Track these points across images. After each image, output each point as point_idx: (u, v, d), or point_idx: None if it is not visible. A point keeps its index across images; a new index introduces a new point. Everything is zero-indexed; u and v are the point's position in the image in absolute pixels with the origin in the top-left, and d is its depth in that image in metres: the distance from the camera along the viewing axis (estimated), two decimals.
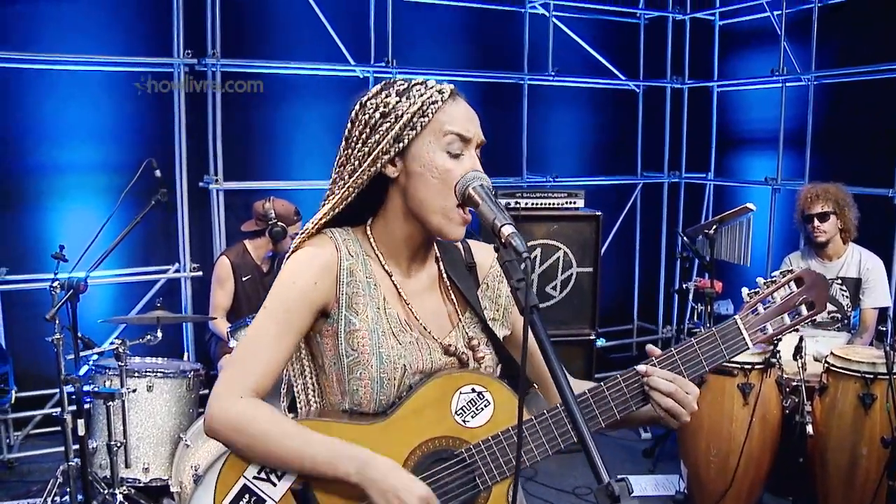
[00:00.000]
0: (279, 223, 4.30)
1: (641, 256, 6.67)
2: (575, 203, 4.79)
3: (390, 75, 5.34)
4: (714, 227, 4.21)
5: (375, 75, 5.36)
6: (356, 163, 1.52)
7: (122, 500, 3.35)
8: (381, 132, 1.49)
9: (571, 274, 4.78)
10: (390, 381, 1.51)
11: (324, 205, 1.58)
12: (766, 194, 5.57)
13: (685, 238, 4.46)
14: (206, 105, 4.97)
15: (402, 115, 1.48)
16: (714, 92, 6.42)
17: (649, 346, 1.57)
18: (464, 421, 1.49)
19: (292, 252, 1.56)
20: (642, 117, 6.47)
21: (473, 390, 1.50)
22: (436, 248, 1.65)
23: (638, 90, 6.43)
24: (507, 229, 1.29)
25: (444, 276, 1.64)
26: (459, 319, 1.62)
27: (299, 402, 1.63)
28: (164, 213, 4.97)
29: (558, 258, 4.75)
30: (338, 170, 1.56)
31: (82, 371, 3.62)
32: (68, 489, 3.34)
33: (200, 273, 5.08)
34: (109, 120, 4.94)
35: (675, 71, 6.46)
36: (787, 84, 5.47)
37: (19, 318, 4.72)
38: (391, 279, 1.58)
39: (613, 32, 6.36)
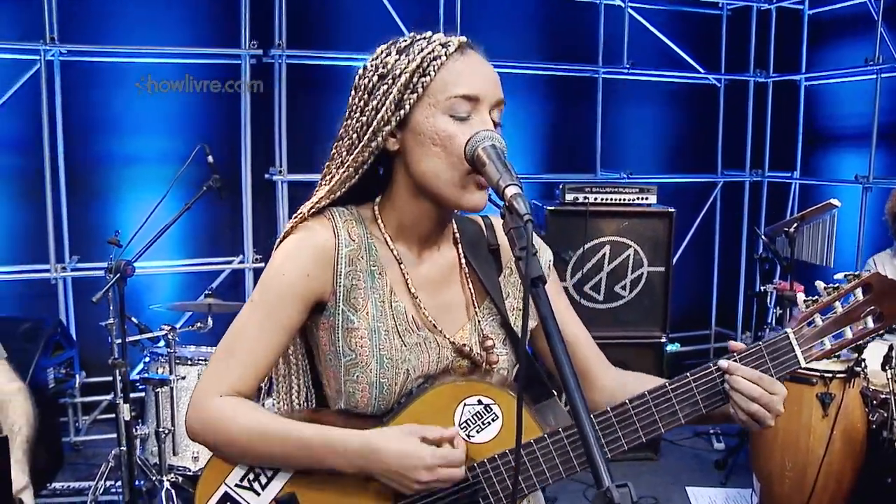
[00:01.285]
0: None
1: (721, 258, 6.36)
2: (647, 199, 4.57)
3: None
4: (795, 225, 3.93)
5: None
6: (354, 136, 1.34)
7: (168, 487, 3.32)
8: (379, 97, 1.30)
9: (642, 273, 4.55)
10: (391, 385, 1.35)
11: (321, 185, 1.39)
12: (856, 194, 5.21)
13: (764, 238, 4.19)
14: (273, 97, 4.96)
15: (399, 75, 1.29)
16: (801, 85, 6.06)
17: (732, 343, 1.37)
18: (468, 436, 1.32)
19: (284, 237, 1.38)
20: (723, 113, 6.16)
21: (480, 402, 1.32)
22: (454, 227, 1.46)
23: (719, 84, 6.13)
24: (511, 190, 1.12)
25: (463, 260, 1.45)
26: (476, 311, 1.44)
27: (280, 406, 1.47)
28: (229, 205, 4.98)
29: (628, 256, 4.54)
30: (335, 144, 1.38)
31: (146, 360, 3.65)
32: (120, 473, 3.34)
33: (263, 264, 5.05)
34: (176, 112, 4.97)
35: (758, 64, 6.14)
36: (883, 75, 5.10)
37: (90, 306, 4.79)
38: (400, 266, 1.39)
39: (693, 24, 6.07)
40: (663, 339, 4.57)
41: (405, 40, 1.34)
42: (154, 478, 3.37)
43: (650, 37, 5.83)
